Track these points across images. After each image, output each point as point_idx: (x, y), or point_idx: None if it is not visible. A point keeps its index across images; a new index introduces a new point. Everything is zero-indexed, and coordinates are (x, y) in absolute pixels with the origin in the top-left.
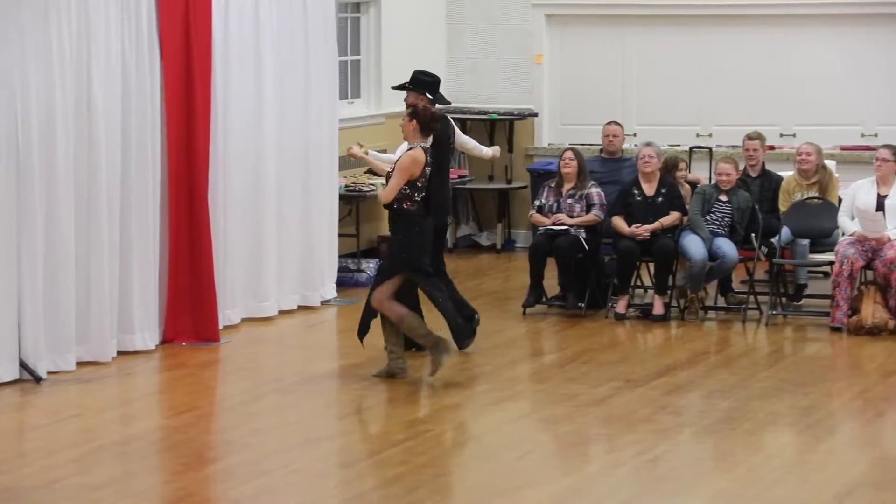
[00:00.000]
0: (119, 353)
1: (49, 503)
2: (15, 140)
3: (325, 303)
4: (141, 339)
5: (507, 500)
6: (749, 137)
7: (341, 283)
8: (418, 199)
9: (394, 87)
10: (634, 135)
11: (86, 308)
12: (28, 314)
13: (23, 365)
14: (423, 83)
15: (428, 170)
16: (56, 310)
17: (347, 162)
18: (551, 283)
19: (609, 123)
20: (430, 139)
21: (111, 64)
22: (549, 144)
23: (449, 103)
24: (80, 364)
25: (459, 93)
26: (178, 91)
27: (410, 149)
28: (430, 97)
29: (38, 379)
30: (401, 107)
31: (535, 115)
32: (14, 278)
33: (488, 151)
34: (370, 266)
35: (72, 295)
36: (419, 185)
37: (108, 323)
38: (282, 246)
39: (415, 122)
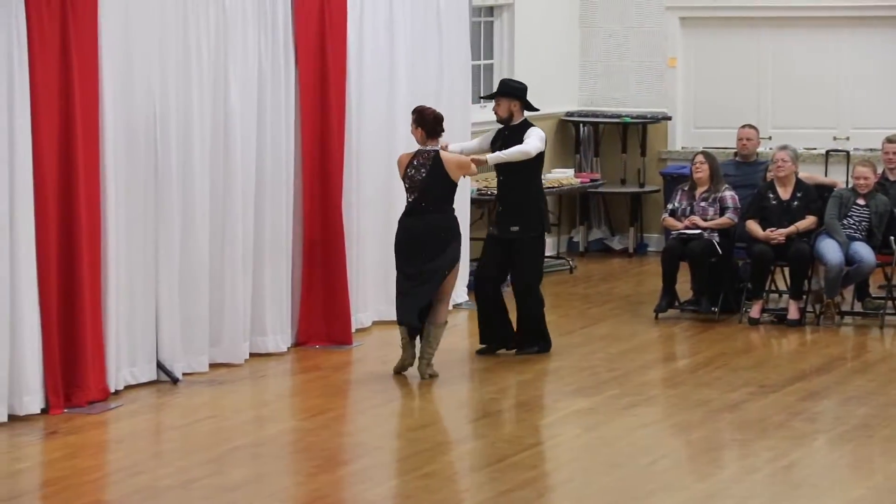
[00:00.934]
0: (252, 355)
1: (185, 503)
2: (153, 146)
3: (456, 306)
4: (273, 342)
5: None
6: (889, 140)
7: (472, 287)
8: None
9: (483, 98)
10: (769, 138)
11: (220, 310)
12: (165, 316)
13: (160, 366)
14: (513, 90)
15: (411, 171)
16: (191, 312)
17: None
18: (684, 288)
19: (743, 127)
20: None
21: (248, 70)
22: (682, 148)
23: (537, 110)
24: (212, 366)
25: (592, 96)
26: (312, 96)
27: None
28: (521, 104)
29: (175, 380)
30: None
31: (669, 118)
32: (152, 280)
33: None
34: None
35: (206, 297)
36: (406, 185)
37: (242, 325)
38: None
39: (420, 129)
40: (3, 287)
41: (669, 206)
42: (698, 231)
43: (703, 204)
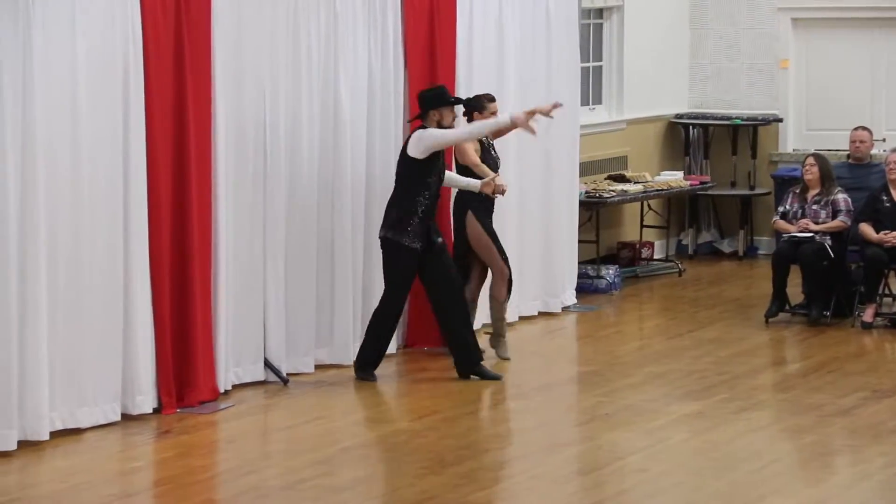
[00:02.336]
0: None
1: (294, 503)
2: (263, 149)
3: (565, 309)
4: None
5: None
6: None
7: (581, 290)
8: None
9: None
10: (883, 140)
11: (329, 312)
12: (272, 317)
13: (270, 367)
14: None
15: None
16: (299, 313)
17: (588, 168)
18: (795, 291)
19: (856, 129)
20: None
21: (357, 72)
22: (793, 150)
23: (456, 102)
24: (321, 367)
25: (702, 98)
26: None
27: None
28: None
29: (285, 381)
30: (642, 113)
31: (780, 120)
32: (259, 281)
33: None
34: (609, 273)
35: (314, 299)
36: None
37: (351, 327)
38: (522, 252)
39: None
40: (117, 288)
41: (780, 209)
42: (810, 234)
43: (814, 207)
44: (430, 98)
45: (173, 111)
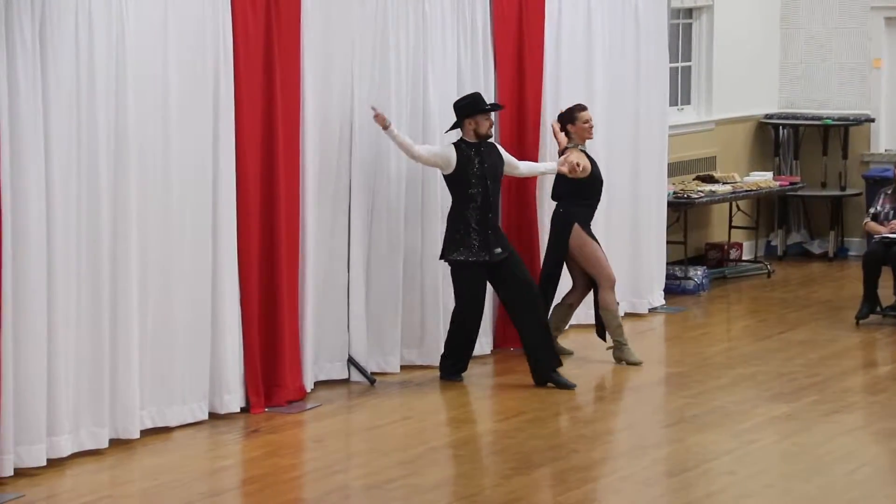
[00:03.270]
0: None
1: (381, 503)
2: (350, 147)
3: (652, 310)
4: (478, 344)
5: None
6: None
7: (668, 291)
8: None
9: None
10: None
11: (420, 313)
12: (357, 317)
13: (357, 367)
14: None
15: None
16: (387, 314)
17: (676, 168)
18: (886, 293)
19: None
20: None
21: (447, 73)
22: (885, 150)
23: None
24: (409, 367)
25: (792, 97)
26: (510, 100)
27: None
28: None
29: (371, 381)
30: (731, 113)
31: (872, 120)
32: (345, 280)
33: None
34: (697, 274)
35: (400, 300)
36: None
37: (443, 327)
38: (610, 251)
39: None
40: (206, 288)
41: (872, 210)
42: None
43: None
44: (465, 107)
45: (262, 114)
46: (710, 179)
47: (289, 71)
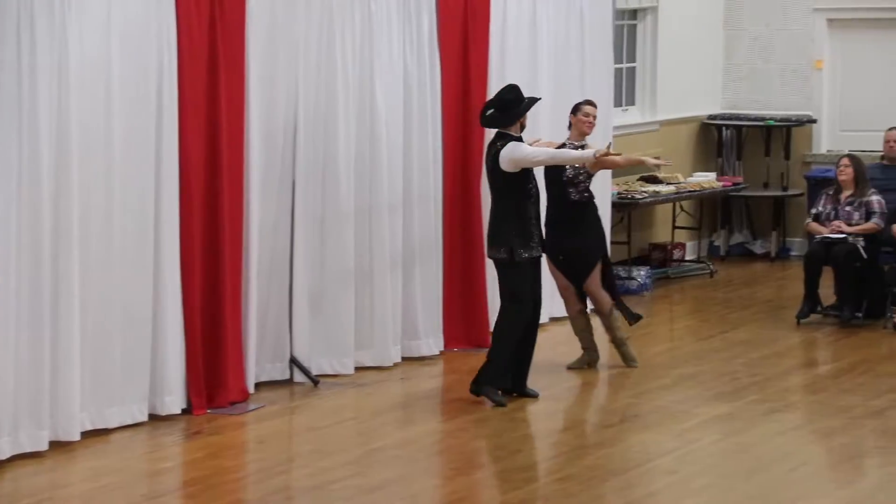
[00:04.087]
0: (404, 358)
1: None
2: (295, 151)
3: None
4: (426, 346)
5: None
6: None
7: None
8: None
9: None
10: None
11: (369, 314)
12: (301, 319)
13: (300, 368)
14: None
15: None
16: (333, 315)
17: (620, 169)
18: (827, 293)
19: (891, 129)
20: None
21: (394, 73)
22: (827, 151)
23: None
24: (362, 369)
25: (735, 99)
26: (455, 100)
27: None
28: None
29: (315, 382)
30: (675, 114)
31: (814, 121)
32: (286, 280)
33: None
34: (641, 274)
35: (351, 301)
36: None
37: (392, 329)
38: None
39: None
40: (147, 290)
41: (813, 211)
42: (843, 235)
43: (847, 208)
44: (525, 106)
45: (206, 116)
46: (654, 180)
47: (233, 72)
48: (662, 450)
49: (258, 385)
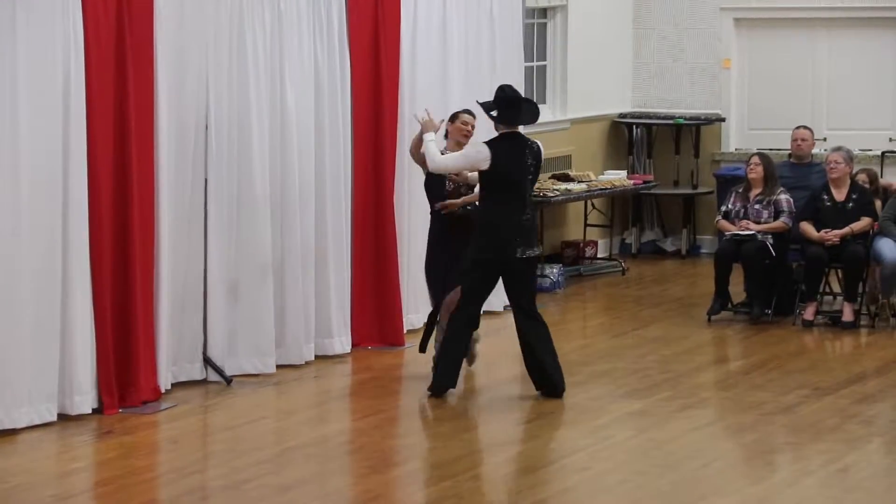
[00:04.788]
0: (317, 357)
1: (239, 503)
2: (206, 148)
3: (507, 308)
4: (339, 344)
5: None
6: None
7: None
8: None
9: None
10: (825, 139)
11: (281, 312)
12: (215, 317)
13: (214, 367)
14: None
15: None
16: (247, 313)
17: None
18: (737, 290)
19: (798, 128)
20: None
21: (304, 72)
22: (736, 149)
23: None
24: (285, 367)
25: (645, 98)
26: (366, 98)
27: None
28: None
29: (228, 381)
30: (586, 112)
31: (723, 119)
32: (201, 280)
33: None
34: (553, 272)
35: (265, 299)
36: None
37: (304, 327)
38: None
39: None
40: (56, 286)
41: (723, 209)
42: (752, 233)
43: (757, 206)
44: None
45: (114, 112)
46: (566, 178)
47: (141, 71)
48: (576, 446)
49: (172, 385)
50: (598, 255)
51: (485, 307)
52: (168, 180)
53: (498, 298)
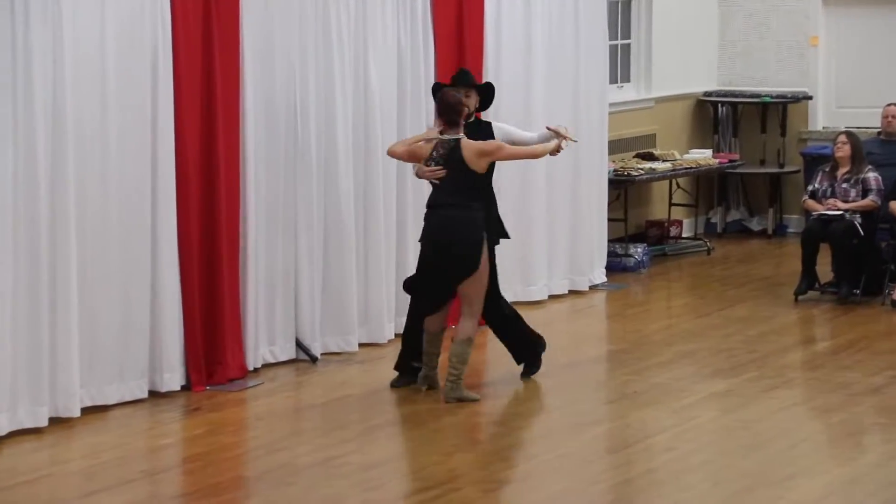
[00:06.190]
0: (397, 335)
1: (324, 480)
2: (294, 130)
3: (593, 287)
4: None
5: (779, 490)
6: None
7: (609, 268)
8: None
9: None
10: None
11: (365, 291)
12: (305, 296)
13: (299, 345)
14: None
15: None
16: (336, 292)
17: (616, 146)
18: (824, 270)
19: (889, 104)
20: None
21: (387, 53)
22: (823, 128)
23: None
24: (368, 345)
25: (731, 76)
26: (450, 77)
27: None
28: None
29: (314, 359)
30: (670, 91)
31: (810, 97)
32: (291, 259)
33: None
34: (638, 251)
35: (352, 278)
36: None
37: (387, 305)
38: (551, 229)
39: (440, 118)
40: (145, 266)
41: (810, 188)
42: (840, 213)
43: (844, 185)
44: (492, 90)
45: (202, 93)
46: (650, 157)
47: (228, 52)
48: (661, 427)
49: (264, 364)
50: (683, 235)
51: (572, 286)
52: (255, 162)
53: (583, 278)
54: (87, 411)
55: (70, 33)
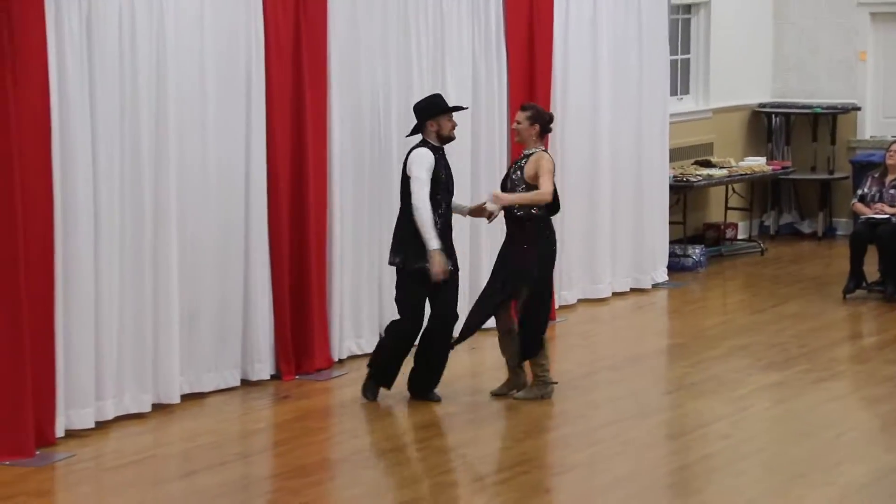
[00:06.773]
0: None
1: (403, 463)
2: (378, 137)
3: (655, 286)
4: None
5: (829, 475)
6: None
7: (669, 268)
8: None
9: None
10: None
11: None
12: (388, 291)
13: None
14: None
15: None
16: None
17: (676, 154)
18: (871, 270)
19: None
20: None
21: (463, 67)
22: (871, 137)
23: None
24: None
25: (785, 89)
26: (521, 90)
27: (533, 153)
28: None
29: None
30: (727, 102)
31: (858, 108)
32: (377, 257)
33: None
34: (696, 252)
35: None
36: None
37: (466, 301)
38: (616, 231)
39: (537, 125)
40: (239, 262)
41: (859, 192)
42: (886, 216)
43: (892, 191)
44: (425, 108)
45: (292, 101)
46: (708, 164)
47: (316, 68)
48: (717, 416)
49: (350, 356)
50: (738, 237)
51: (635, 284)
52: (342, 159)
53: (646, 276)
54: (185, 398)
55: (172, 52)
